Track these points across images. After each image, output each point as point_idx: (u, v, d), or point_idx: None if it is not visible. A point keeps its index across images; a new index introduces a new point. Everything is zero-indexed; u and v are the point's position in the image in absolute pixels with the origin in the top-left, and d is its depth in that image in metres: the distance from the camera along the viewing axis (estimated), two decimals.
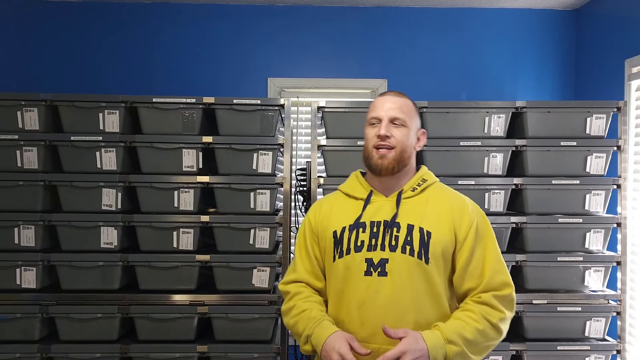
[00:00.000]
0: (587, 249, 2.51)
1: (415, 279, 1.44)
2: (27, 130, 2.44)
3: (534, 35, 3.48)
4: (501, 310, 1.41)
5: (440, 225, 1.48)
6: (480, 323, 1.39)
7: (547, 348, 2.46)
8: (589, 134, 2.52)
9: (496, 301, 1.41)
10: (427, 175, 1.58)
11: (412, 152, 1.55)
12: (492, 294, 1.42)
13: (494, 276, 1.44)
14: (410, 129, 1.53)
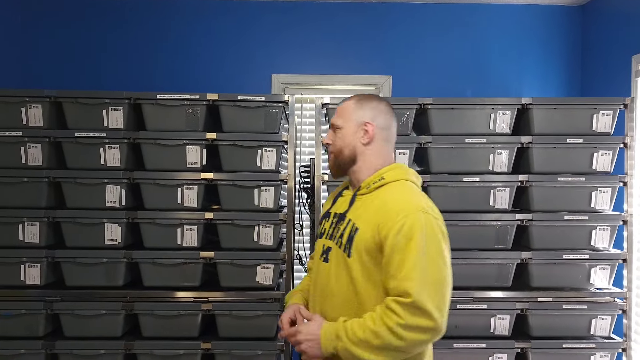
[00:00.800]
0: (593, 246, 2.50)
1: (341, 270, 1.51)
2: (31, 126, 2.45)
3: (540, 31, 3.45)
4: (400, 316, 1.33)
5: (368, 223, 1.47)
6: (376, 324, 1.36)
7: (552, 346, 2.45)
8: (595, 130, 2.50)
9: (397, 306, 1.35)
10: (387, 174, 1.54)
11: (356, 148, 1.57)
12: (394, 299, 1.37)
13: (402, 282, 1.37)
14: (346, 129, 1.57)
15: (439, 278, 1.39)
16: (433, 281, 1.37)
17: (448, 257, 1.43)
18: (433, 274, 1.38)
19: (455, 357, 2.44)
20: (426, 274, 1.37)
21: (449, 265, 1.43)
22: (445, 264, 1.42)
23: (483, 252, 2.48)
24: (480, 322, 2.46)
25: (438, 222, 1.45)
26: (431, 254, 1.39)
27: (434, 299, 1.35)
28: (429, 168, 2.50)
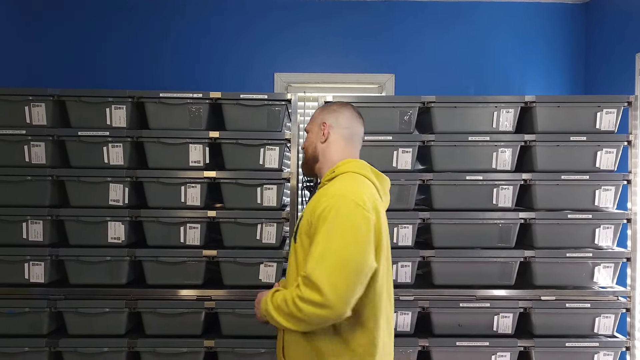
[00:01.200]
0: (596, 245, 2.49)
1: (292, 255, 1.66)
2: (34, 125, 2.45)
3: (543, 29, 3.44)
4: (299, 289, 1.44)
5: (308, 209, 1.60)
6: (287, 294, 1.49)
7: (556, 345, 2.44)
8: (599, 128, 2.49)
9: (300, 280, 1.46)
10: (340, 167, 1.64)
11: (317, 147, 1.73)
12: (301, 273, 1.48)
13: (308, 258, 1.47)
14: (310, 131, 1.76)
15: (341, 259, 1.43)
16: (333, 261, 1.43)
17: (362, 243, 1.46)
18: (334, 253, 1.43)
19: (458, 355, 2.44)
20: (326, 253, 1.44)
21: (360, 250, 1.45)
22: (352, 247, 1.44)
23: (486, 250, 2.48)
24: (484, 320, 2.46)
25: (360, 209, 1.48)
26: (337, 234, 1.45)
27: (330, 277, 1.41)
28: (432, 166, 2.50)
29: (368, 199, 1.52)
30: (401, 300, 2.45)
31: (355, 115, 1.75)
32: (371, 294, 1.53)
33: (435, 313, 2.46)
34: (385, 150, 2.48)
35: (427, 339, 2.44)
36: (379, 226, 1.53)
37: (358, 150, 1.75)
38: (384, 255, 1.57)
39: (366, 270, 1.46)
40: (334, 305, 1.40)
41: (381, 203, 1.62)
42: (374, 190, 1.61)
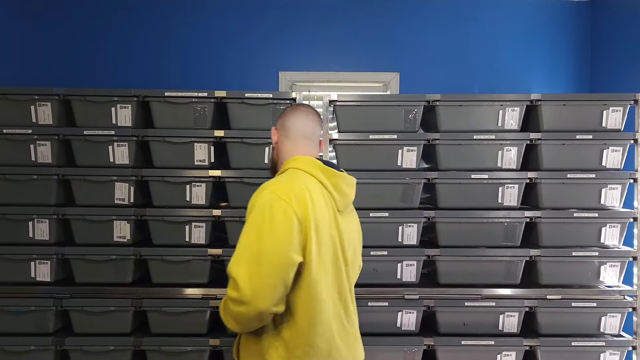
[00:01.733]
0: (602, 243, 2.48)
1: None
2: (40, 124, 2.46)
3: (548, 27, 3.43)
4: (228, 289, 1.46)
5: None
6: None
7: (561, 344, 2.43)
8: (605, 127, 2.48)
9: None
10: (285, 165, 1.67)
11: (274, 153, 1.77)
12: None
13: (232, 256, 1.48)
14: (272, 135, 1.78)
15: (256, 252, 1.42)
16: (249, 254, 1.43)
17: (280, 236, 1.43)
18: (250, 247, 1.43)
19: (463, 354, 2.44)
20: (243, 247, 1.45)
21: (276, 243, 1.43)
22: (268, 240, 1.42)
23: (491, 249, 2.47)
24: (489, 319, 2.46)
25: (281, 202, 1.46)
26: (254, 228, 1.45)
27: (246, 272, 1.41)
28: (437, 165, 2.50)
29: (296, 193, 1.49)
30: (406, 299, 2.45)
31: (302, 114, 1.74)
32: (301, 291, 1.49)
33: (441, 312, 2.45)
34: (390, 149, 2.48)
35: (432, 338, 2.44)
36: (308, 220, 1.47)
37: (310, 145, 1.72)
38: (323, 251, 1.52)
39: (284, 263, 1.43)
40: (250, 300, 1.40)
41: (326, 199, 1.57)
42: (314, 185, 1.56)
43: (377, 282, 2.48)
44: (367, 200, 2.47)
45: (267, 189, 1.51)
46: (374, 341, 2.43)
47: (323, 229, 1.53)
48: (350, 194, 1.70)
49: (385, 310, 2.45)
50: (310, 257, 1.48)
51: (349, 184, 1.68)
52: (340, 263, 1.59)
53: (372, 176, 2.47)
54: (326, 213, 1.56)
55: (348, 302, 1.63)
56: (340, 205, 1.63)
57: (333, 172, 1.63)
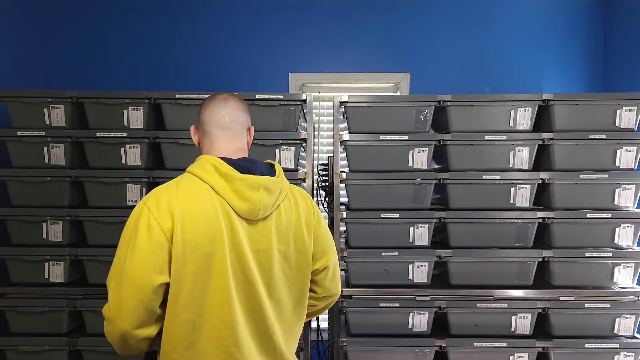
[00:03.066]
0: (616, 244, 2.46)
1: None
2: (54, 127, 2.48)
3: (560, 25, 3.40)
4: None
5: None
6: None
7: (575, 345, 2.41)
8: (618, 126, 2.46)
9: None
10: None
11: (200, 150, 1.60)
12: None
13: None
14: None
15: (119, 268, 1.35)
16: (115, 271, 1.35)
17: (140, 253, 1.32)
18: (117, 262, 1.36)
19: (475, 356, 2.43)
20: (114, 262, 1.37)
21: (135, 259, 1.32)
22: (128, 256, 1.33)
23: (503, 250, 2.46)
24: (501, 321, 2.44)
25: (146, 215, 1.35)
26: (122, 241, 1.37)
27: (112, 289, 1.35)
28: (448, 166, 2.49)
29: (168, 202, 1.35)
30: (417, 300, 2.45)
31: (217, 102, 1.54)
32: (166, 313, 1.36)
33: (452, 313, 2.44)
34: (401, 150, 2.47)
35: (444, 339, 2.43)
36: (176, 235, 1.32)
37: (228, 137, 1.52)
38: (199, 268, 1.34)
39: (143, 286, 1.31)
40: (114, 319, 1.34)
41: (217, 207, 1.38)
42: (200, 192, 1.39)
43: (388, 283, 2.48)
44: (378, 201, 2.47)
45: (143, 198, 1.40)
46: (386, 342, 2.43)
47: (201, 244, 1.35)
48: (261, 198, 1.41)
49: (396, 311, 2.44)
50: (177, 276, 1.33)
51: (257, 188, 1.41)
52: (232, 281, 1.38)
53: (383, 177, 2.47)
54: (213, 225, 1.36)
55: (263, 323, 1.43)
56: (244, 212, 1.40)
57: (232, 176, 1.40)
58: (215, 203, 1.39)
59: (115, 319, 1.33)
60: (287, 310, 1.50)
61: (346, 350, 2.44)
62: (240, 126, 1.55)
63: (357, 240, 2.49)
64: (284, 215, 1.49)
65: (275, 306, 1.46)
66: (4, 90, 2.51)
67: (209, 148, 1.53)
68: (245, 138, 1.57)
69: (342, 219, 2.48)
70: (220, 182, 1.41)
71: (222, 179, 1.41)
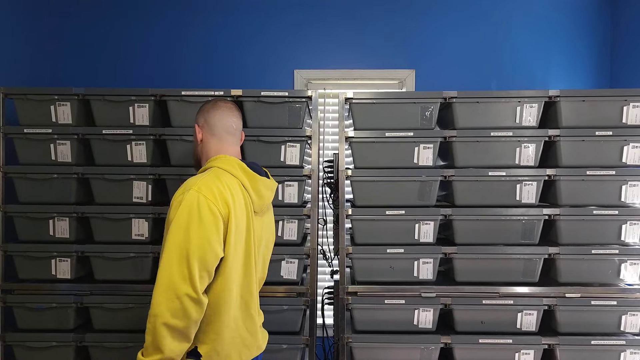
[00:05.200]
0: (623, 241, 2.44)
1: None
2: (60, 124, 2.50)
3: (567, 21, 3.38)
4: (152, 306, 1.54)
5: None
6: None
7: (581, 342, 2.41)
8: (625, 123, 2.44)
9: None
10: (209, 162, 1.76)
11: (197, 149, 1.86)
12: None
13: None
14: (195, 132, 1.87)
15: (182, 248, 1.54)
16: (178, 251, 1.54)
17: (204, 231, 1.56)
18: (178, 243, 1.55)
19: (481, 353, 2.42)
20: (173, 244, 1.55)
21: (204, 236, 1.56)
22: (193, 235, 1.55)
23: (509, 247, 2.45)
24: (507, 317, 2.44)
25: (206, 201, 1.58)
26: (180, 226, 1.56)
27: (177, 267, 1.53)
28: (454, 162, 2.48)
29: (220, 192, 1.62)
30: (423, 297, 2.44)
31: (224, 109, 1.83)
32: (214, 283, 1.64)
33: (458, 310, 2.44)
34: (406, 147, 2.47)
35: (450, 336, 2.43)
36: (230, 219, 1.62)
37: (234, 142, 1.84)
38: (238, 248, 1.67)
39: (212, 257, 1.58)
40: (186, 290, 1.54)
41: (245, 200, 1.71)
42: (235, 186, 1.69)
43: (393, 280, 2.48)
44: (383, 198, 2.47)
45: (192, 189, 1.60)
46: (391, 339, 2.43)
47: (241, 228, 1.67)
48: (268, 197, 1.82)
49: (401, 308, 2.44)
50: (228, 252, 1.63)
51: (268, 187, 1.81)
52: (251, 260, 1.73)
53: (388, 174, 2.46)
54: (244, 213, 1.69)
55: (254, 296, 1.78)
56: (257, 207, 1.76)
57: (254, 175, 1.75)
58: (245, 195, 1.72)
59: (185, 288, 1.52)
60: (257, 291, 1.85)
61: (351, 347, 2.44)
62: (239, 133, 1.88)
63: (362, 237, 2.49)
64: (269, 212, 1.92)
65: (258, 285, 1.85)
66: (11, 88, 2.52)
67: (219, 149, 1.80)
68: (240, 142, 1.91)
69: (347, 215, 2.48)
70: (246, 180, 1.73)
71: (248, 178, 1.74)
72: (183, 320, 1.53)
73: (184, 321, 1.53)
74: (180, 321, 1.53)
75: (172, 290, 1.52)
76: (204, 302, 1.58)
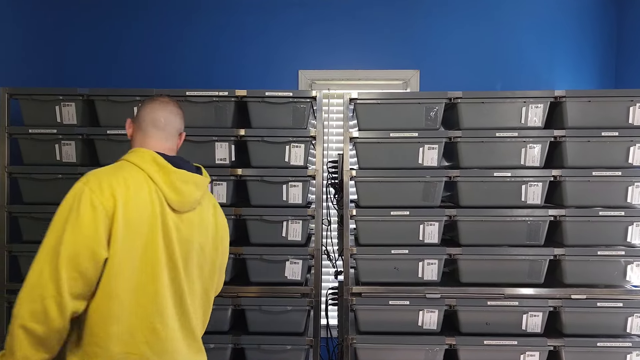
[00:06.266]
0: (629, 242, 2.43)
1: None
2: (65, 124, 2.50)
3: (572, 21, 3.37)
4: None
5: None
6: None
7: (586, 344, 2.39)
8: (631, 123, 2.43)
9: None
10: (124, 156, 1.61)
11: (131, 142, 1.68)
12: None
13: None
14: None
15: (55, 245, 1.38)
16: (51, 247, 1.39)
17: (79, 228, 1.39)
18: (52, 238, 1.40)
19: (486, 354, 2.41)
20: (47, 239, 1.40)
21: (76, 234, 1.38)
22: (67, 232, 1.38)
23: (514, 248, 2.44)
24: (512, 319, 2.43)
25: (88, 194, 1.42)
26: (59, 219, 1.42)
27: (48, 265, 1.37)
28: (459, 163, 2.47)
29: (109, 184, 1.44)
30: (427, 298, 2.44)
31: (157, 103, 1.66)
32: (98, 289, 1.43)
33: (463, 311, 2.43)
34: (411, 147, 2.46)
35: (454, 337, 2.42)
36: (116, 214, 1.42)
37: (161, 137, 1.63)
38: (131, 248, 1.45)
39: (85, 257, 1.38)
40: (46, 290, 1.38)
41: (153, 196, 1.50)
42: (139, 180, 1.50)
43: (398, 280, 2.47)
44: (388, 199, 2.46)
45: (81, 180, 1.46)
46: (395, 340, 2.42)
47: (138, 225, 1.46)
48: (189, 192, 1.57)
49: (406, 309, 2.44)
50: (114, 252, 1.42)
51: (187, 182, 1.57)
52: (159, 265, 1.49)
53: (393, 174, 2.46)
54: (148, 209, 1.48)
55: (168, 308, 1.51)
56: (174, 203, 1.54)
57: (169, 168, 1.54)
58: (151, 189, 1.51)
59: (50, 290, 1.36)
60: (198, 299, 1.63)
61: (356, 348, 2.44)
62: (174, 129, 1.68)
63: (366, 238, 2.48)
64: (205, 212, 1.66)
65: (190, 292, 1.58)
66: (16, 88, 2.53)
67: (142, 143, 1.63)
68: (176, 141, 1.70)
69: (351, 216, 2.48)
70: (158, 172, 1.53)
71: (160, 170, 1.54)
72: (43, 325, 1.35)
73: (43, 327, 1.35)
74: (40, 326, 1.35)
75: (37, 290, 1.36)
76: (70, 308, 1.37)
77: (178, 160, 1.62)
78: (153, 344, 1.47)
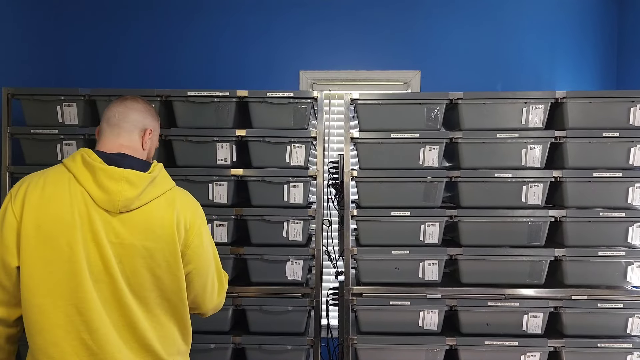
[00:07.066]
0: (629, 243, 2.43)
1: None
2: (66, 124, 2.51)
3: (573, 21, 3.37)
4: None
5: None
6: None
7: (587, 345, 2.40)
8: (632, 124, 2.43)
9: None
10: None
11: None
12: None
13: None
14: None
15: None
16: None
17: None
18: None
19: (486, 355, 2.41)
20: None
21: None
22: None
23: (515, 248, 2.44)
24: (512, 320, 2.43)
25: (7, 199, 1.44)
26: None
27: None
28: (460, 163, 2.47)
29: (25, 188, 1.42)
30: (428, 298, 2.44)
31: (118, 101, 1.60)
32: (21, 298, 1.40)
33: (463, 312, 2.43)
34: (411, 148, 2.46)
35: (455, 337, 2.42)
36: (24, 219, 1.38)
37: (113, 133, 1.54)
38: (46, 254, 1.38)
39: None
40: None
41: (77, 196, 1.41)
42: (58, 181, 1.43)
43: (398, 281, 2.47)
44: (389, 199, 2.46)
45: (15, 185, 1.48)
46: (396, 340, 2.43)
47: (52, 230, 1.38)
48: (120, 190, 1.42)
49: (407, 309, 2.44)
50: (24, 260, 1.37)
51: (117, 179, 1.43)
52: (82, 273, 1.38)
53: (394, 175, 2.46)
54: (67, 212, 1.39)
55: (103, 319, 1.40)
56: (102, 202, 1.41)
57: (95, 166, 1.43)
58: (73, 191, 1.42)
59: None
60: (158, 309, 1.49)
61: (356, 348, 2.44)
62: (131, 125, 1.56)
63: (367, 238, 2.49)
64: (155, 212, 1.48)
65: (141, 302, 1.45)
66: (18, 88, 2.53)
67: (98, 142, 1.57)
68: (135, 137, 1.57)
69: (352, 216, 2.48)
70: (83, 171, 1.44)
71: (86, 169, 1.44)
72: None
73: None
74: None
75: None
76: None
77: (115, 157, 1.48)
78: (84, 357, 1.39)
